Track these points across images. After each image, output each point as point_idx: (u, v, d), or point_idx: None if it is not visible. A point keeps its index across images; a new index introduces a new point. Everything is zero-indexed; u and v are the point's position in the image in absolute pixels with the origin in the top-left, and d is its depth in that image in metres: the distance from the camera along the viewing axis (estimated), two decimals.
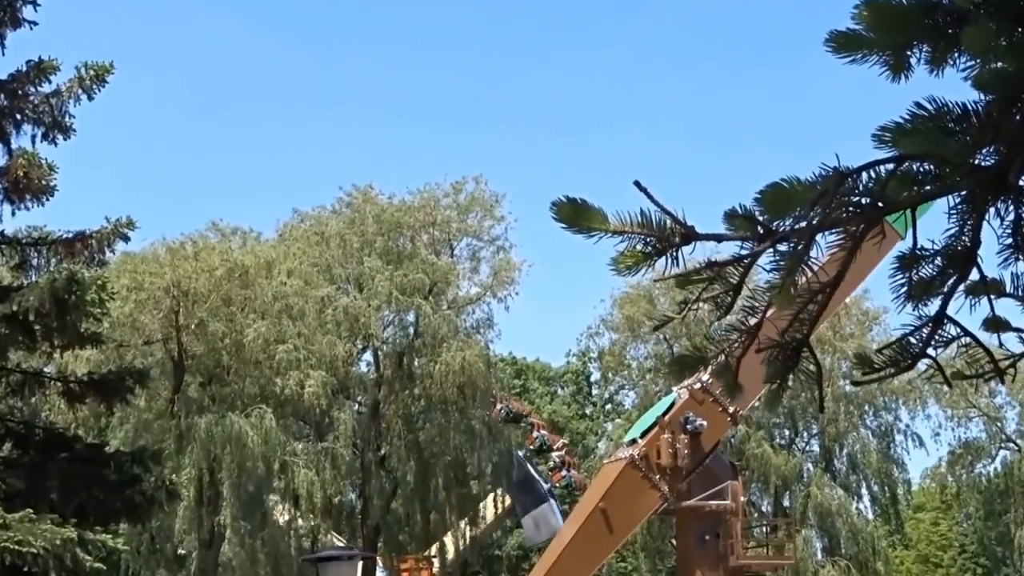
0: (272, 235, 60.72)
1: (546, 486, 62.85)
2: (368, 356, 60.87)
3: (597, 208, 4.43)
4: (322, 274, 57.84)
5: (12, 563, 25.83)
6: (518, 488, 61.12)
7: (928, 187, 4.69)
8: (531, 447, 67.04)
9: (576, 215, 4.41)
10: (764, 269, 4.68)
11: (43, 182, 29.53)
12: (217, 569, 53.52)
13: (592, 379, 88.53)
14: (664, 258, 4.57)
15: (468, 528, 61.69)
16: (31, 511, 26.63)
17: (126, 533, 45.15)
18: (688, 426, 48.79)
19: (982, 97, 4.66)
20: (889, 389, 69.91)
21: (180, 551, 53.94)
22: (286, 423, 53.79)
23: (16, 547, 25.62)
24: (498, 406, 65.09)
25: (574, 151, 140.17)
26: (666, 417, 49.17)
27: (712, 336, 5.09)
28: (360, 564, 36.84)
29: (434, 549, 61.74)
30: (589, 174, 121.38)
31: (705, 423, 48.95)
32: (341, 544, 55.05)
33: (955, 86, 4.74)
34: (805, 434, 72.74)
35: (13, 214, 29.98)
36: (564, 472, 67.27)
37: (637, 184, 4.39)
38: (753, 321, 4.92)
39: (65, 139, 30.03)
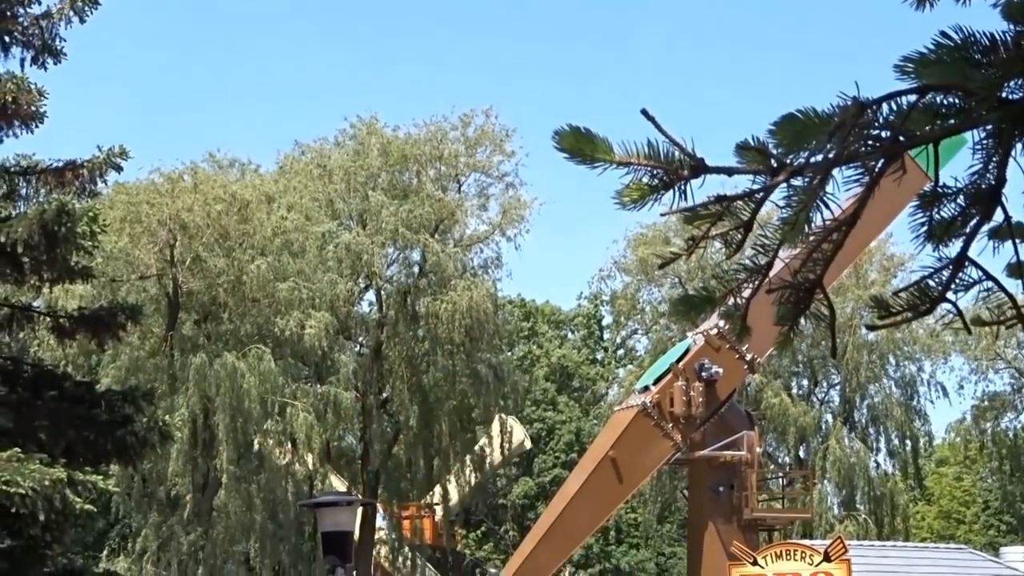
0: (272, 167, 59.25)
1: None
2: (370, 295, 59.42)
3: (602, 138, 4.30)
4: (324, 209, 56.41)
5: None
6: None
7: (952, 120, 4.50)
8: None
9: (579, 144, 4.26)
10: (777, 205, 4.48)
11: (32, 108, 28.89)
12: (212, 513, 52.52)
13: (604, 323, 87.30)
14: (672, 192, 4.41)
15: (472, 474, 60.08)
16: (19, 450, 26.36)
17: (117, 475, 44.10)
18: (703, 373, 47.99)
19: (1011, 27, 4.53)
20: (912, 338, 68.56)
21: (174, 494, 52.67)
22: (285, 364, 52.57)
23: (3, 487, 25.44)
24: None
25: (590, 85, 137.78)
26: (680, 364, 48.37)
27: (721, 275, 4.85)
28: (360, 510, 35.55)
29: (437, 496, 60.38)
30: (607, 109, 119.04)
31: (721, 371, 48.14)
32: (341, 488, 54.00)
33: (983, 15, 4.65)
34: (824, 384, 71.64)
35: (1, 141, 29.58)
36: None
37: (644, 112, 4.26)
38: (764, 260, 4.72)
39: (55, 63, 29.51)
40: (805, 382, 71.47)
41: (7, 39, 29.04)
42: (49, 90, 29.00)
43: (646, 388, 49.22)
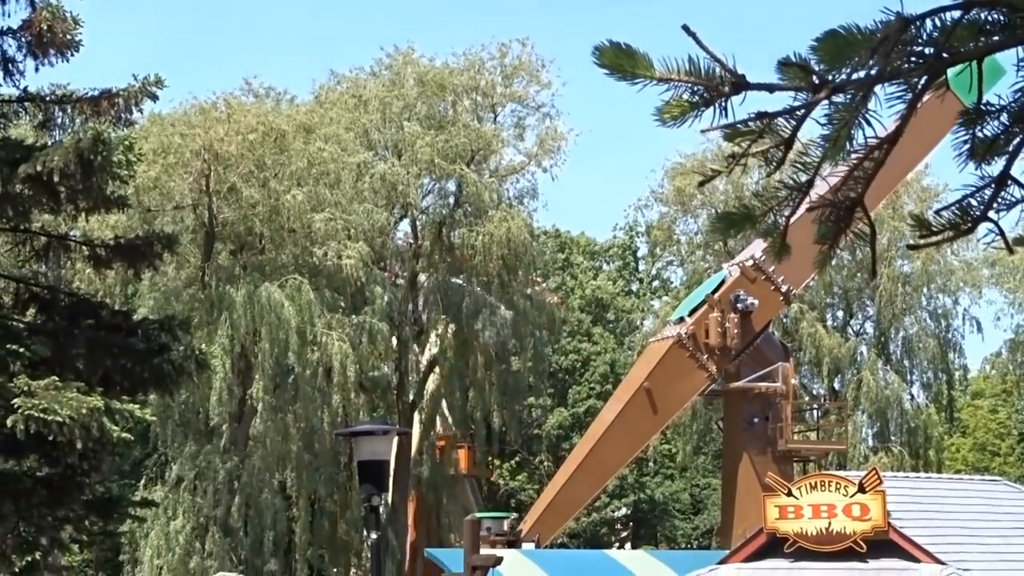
0: (307, 97, 58.99)
1: None
2: (405, 226, 59.23)
3: (642, 54, 4.27)
4: (359, 139, 56.20)
5: (37, 431, 25.84)
6: None
7: (996, 37, 4.41)
8: None
9: (620, 60, 4.26)
10: (818, 122, 4.42)
11: (68, 36, 28.74)
12: (248, 442, 52.71)
13: (639, 254, 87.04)
14: (712, 108, 4.35)
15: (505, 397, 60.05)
16: (56, 379, 26.47)
17: (154, 403, 44.19)
18: (738, 304, 47.92)
19: None
20: (947, 270, 68.20)
21: (211, 423, 52.88)
22: (320, 295, 52.41)
23: (41, 415, 25.63)
24: None
25: (628, 15, 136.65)
26: (716, 295, 48.29)
27: (761, 193, 4.77)
28: (395, 440, 35.62)
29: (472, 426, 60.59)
30: (646, 39, 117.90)
31: (756, 302, 48.06)
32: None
33: None
34: (860, 316, 71.40)
35: (37, 70, 29.37)
36: None
37: (685, 28, 4.21)
38: (805, 178, 4.63)
39: None
40: (840, 313, 71.22)
41: None
42: (84, 18, 28.84)
43: (681, 319, 49.17)
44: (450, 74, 57.74)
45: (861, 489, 27.02)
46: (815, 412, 63.58)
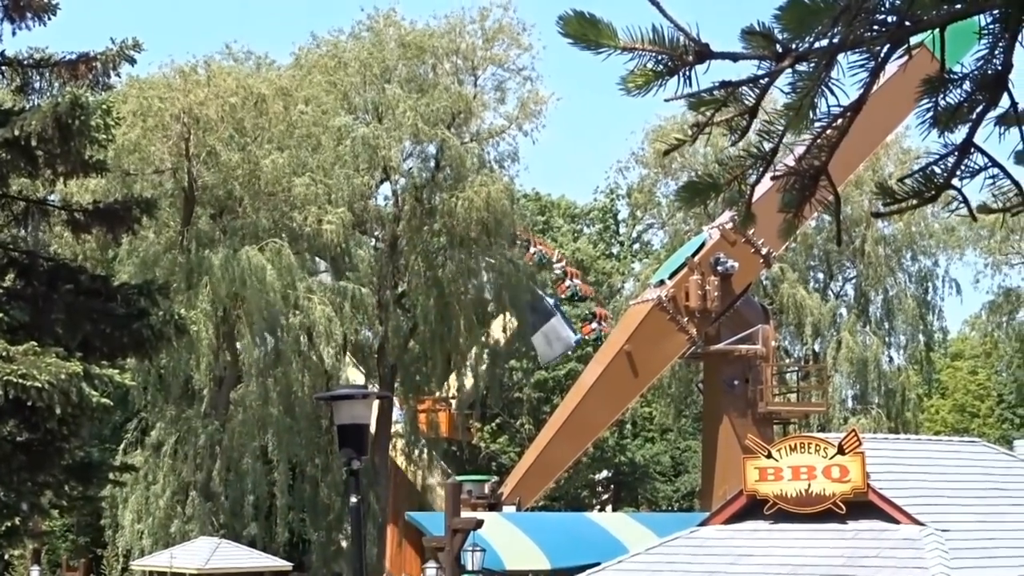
0: (287, 62, 58.73)
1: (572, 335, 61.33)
2: (386, 189, 59.13)
3: (606, 23, 4.26)
4: (339, 102, 55.93)
5: (16, 397, 25.70)
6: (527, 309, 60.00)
7: (959, 5, 4.39)
8: (563, 295, 66.07)
9: (584, 30, 4.24)
10: (782, 91, 4.41)
11: (45, 0, 28.55)
12: (229, 407, 52.69)
13: (620, 217, 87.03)
14: (676, 77, 4.33)
15: (485, 360, 60.01)
16: (35, 344, 26.37)
17: (133, 368, 44.09)
18: (719, 267, 47.96)
19: None
20: (928, 232, 68.37)
21: (194, 388, 52.85)
22: (301, 259, 52.32)
23: (20, 380, 25.51)
24: (531, 249, 64.14)
25: None
26: (696, 258, 48.30)
27: (725, 162, 4.73)
28: (376, 404, 35.60)
29: (453, 389, 60.63)
30: (616, 8, 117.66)
31: (736, 264, 48.11)
32: (361, 380, 54.22)
33: None
34: (840, 278, 71.55)
35: (14, 33, 29.23)
36: (594, 325, 66.00)
37: None
38: (769, 146, 4.61)
39: None
40: (821, 276, 71.39)
41: None
42: None
43: (662, 282, 49.22)
44: (431, 37, 57.53)
45: (840, 451, 27.04)
46: (795, 374, 63.72)
